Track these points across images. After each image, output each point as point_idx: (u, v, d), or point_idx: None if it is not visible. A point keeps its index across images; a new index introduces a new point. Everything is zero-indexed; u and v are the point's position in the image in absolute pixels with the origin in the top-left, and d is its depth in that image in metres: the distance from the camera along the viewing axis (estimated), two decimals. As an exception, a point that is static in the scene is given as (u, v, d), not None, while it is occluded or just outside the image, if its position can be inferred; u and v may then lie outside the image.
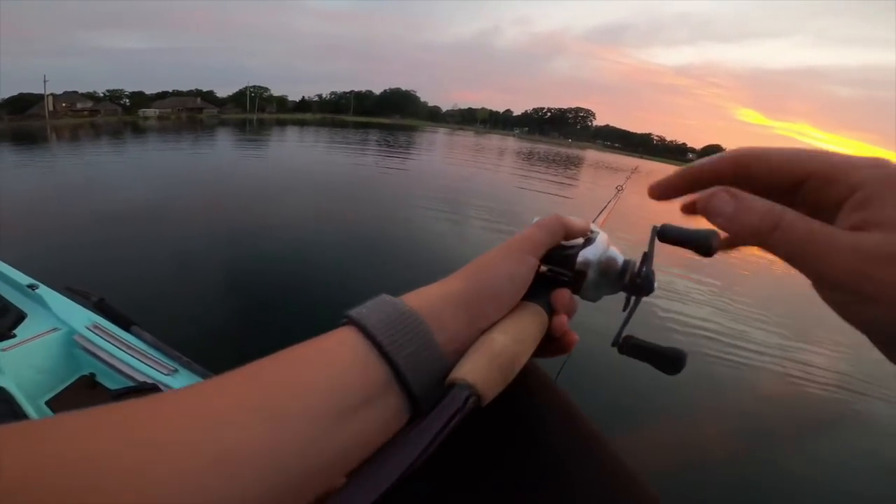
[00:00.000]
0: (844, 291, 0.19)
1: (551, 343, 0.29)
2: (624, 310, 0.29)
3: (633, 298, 0.29)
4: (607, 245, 0.30)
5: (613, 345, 0.28)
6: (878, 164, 0.20)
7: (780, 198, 0.21)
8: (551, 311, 0.28)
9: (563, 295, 0.28)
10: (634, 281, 0.28)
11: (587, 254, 0.29)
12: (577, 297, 0.30)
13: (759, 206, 0.21)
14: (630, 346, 0.28)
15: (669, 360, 0.26)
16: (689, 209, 0.25)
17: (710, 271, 5.42)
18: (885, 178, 0.19)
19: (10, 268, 1.46)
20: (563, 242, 0.31)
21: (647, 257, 0.28)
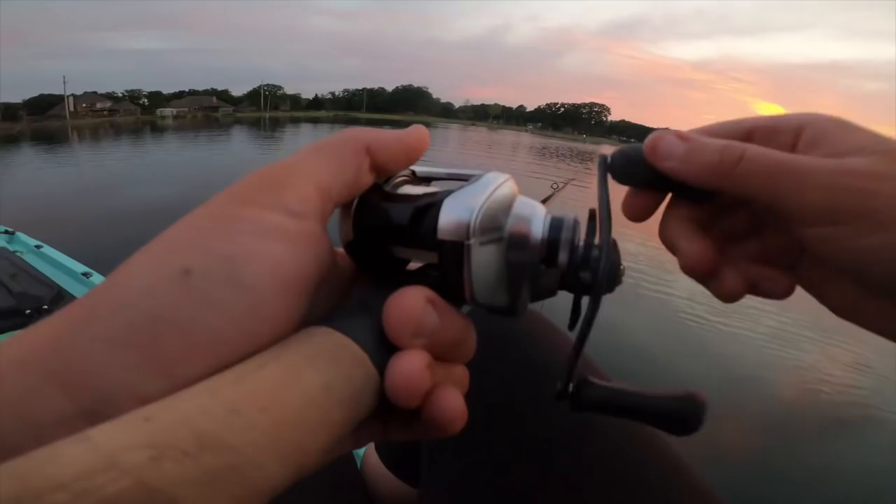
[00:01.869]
0: (841, 218, 0.16)
1: (394, 414, 0.16)
2: (571, 326, 0.17)
3: (582, 300, 0.16)
4: (513, 192, 0.16)
5: (560, 397, 0.17)
6: (811, 113, 0.19)
7: None
8: (383, 346, 0.14)
9: (406, 302, 0.14)
10: (579, 268, 0.15)
11: (463, 203, 0.14)
12: (454, 309, 0.15)
13: (715, 142, 0.18)
14: (592, 398, 0.16)
15: (674, 416, 0.15)
16: (635, 209, 0.21)
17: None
18: (823, 119, 0.18)
19: (65, 256, 1.53)
20: (403, 189, 0.18)
21: (602, 220, 0.16)
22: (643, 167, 0.18)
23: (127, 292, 0.12)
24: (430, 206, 0.15)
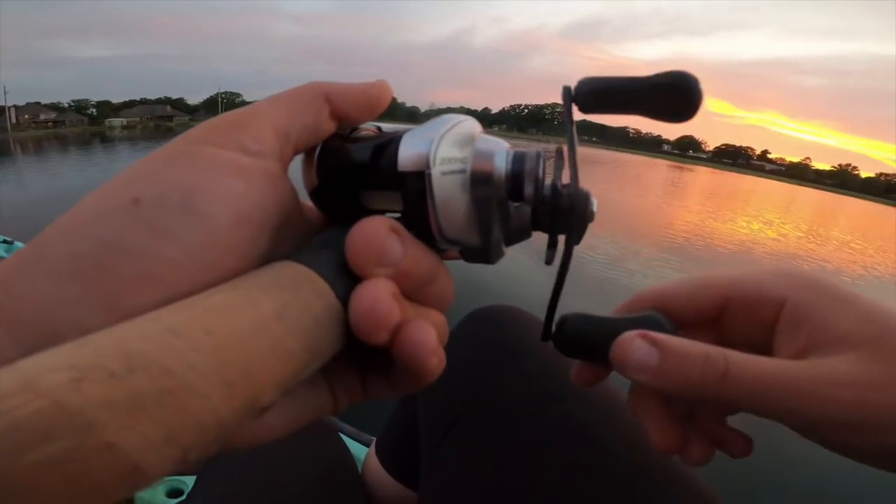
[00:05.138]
0: (836, 428, 0.16)
1: (371, 367, 0.16)
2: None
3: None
4: (475, 129, 0.15)
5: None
6: (794, 275, 0.18)
7: (697, 335, 0.19)
8: (347, 278, 0.13)
9: (369, 229, 0.13)
10: (547, 201, 0.15)
11: (423, 135, 0.15)
12: (426, 250, 0.15)
13: (693, 351, 0.16)
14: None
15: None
16: (585, 377, 0.21)
17: (685, 250, 5.61)
18: (804, 292, 0.18)
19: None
20: (363, 132, 0.17)
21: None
22: (598, 336, 0.18)
23: (73, 223, 0.12)
24: (391, 142, 0.15)
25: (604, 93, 0.16)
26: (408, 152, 0.14)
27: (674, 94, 0.15)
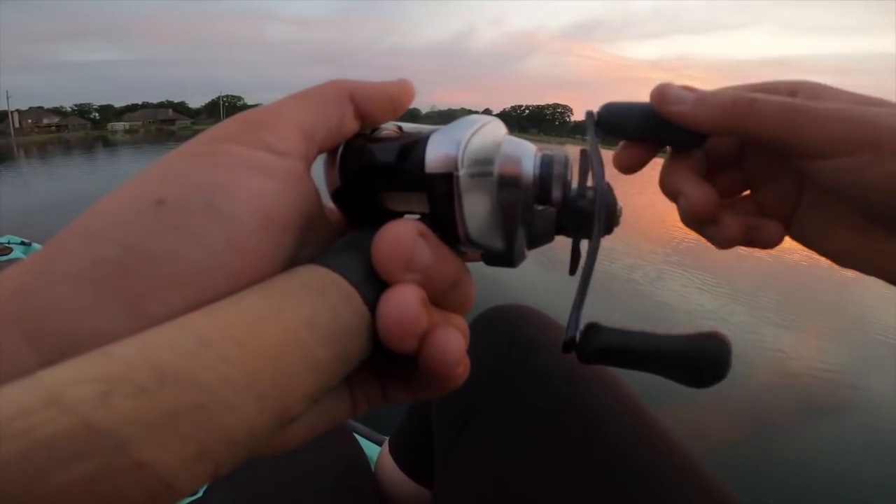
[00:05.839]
0: (860, 147, 0.16)
1: (392, 373, 0.16)
2: (572, 271, 0.16)
3: (582, 242, 0.16)
4: (501, 131, 0.15)
5: (566, 349, 0.15)
6: (800, 80, 0.20)
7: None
8: (374, 283, 0.13)
9: (397, 234, 0.13)
10: (577, 204, 0.15)
11: (450, 137, 0.14)
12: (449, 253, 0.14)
13: (724, 90, 0.19)
14: (602, 345, 0.15)
15: (693, 365, 0.14)
16: (628, 158, 0.22)
17: (684, 254, 5.58)
18: (814, 83, 0.19)
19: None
20: (385, 132, 0.17)
21: (591, 159, 0.16)
22: (637, 119, 0.20)
23: (94, 227, 0.11)
24: (417, 143, 0.14)
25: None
26: (435, 154, 0.14)
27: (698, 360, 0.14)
